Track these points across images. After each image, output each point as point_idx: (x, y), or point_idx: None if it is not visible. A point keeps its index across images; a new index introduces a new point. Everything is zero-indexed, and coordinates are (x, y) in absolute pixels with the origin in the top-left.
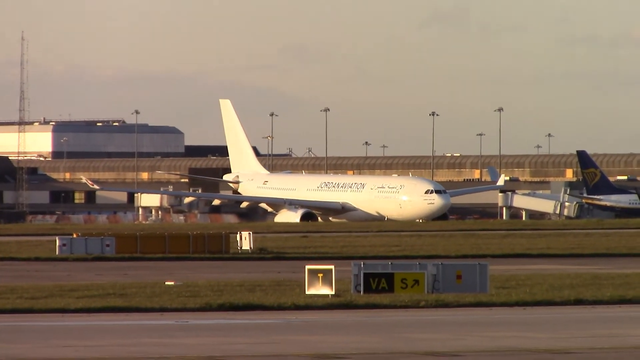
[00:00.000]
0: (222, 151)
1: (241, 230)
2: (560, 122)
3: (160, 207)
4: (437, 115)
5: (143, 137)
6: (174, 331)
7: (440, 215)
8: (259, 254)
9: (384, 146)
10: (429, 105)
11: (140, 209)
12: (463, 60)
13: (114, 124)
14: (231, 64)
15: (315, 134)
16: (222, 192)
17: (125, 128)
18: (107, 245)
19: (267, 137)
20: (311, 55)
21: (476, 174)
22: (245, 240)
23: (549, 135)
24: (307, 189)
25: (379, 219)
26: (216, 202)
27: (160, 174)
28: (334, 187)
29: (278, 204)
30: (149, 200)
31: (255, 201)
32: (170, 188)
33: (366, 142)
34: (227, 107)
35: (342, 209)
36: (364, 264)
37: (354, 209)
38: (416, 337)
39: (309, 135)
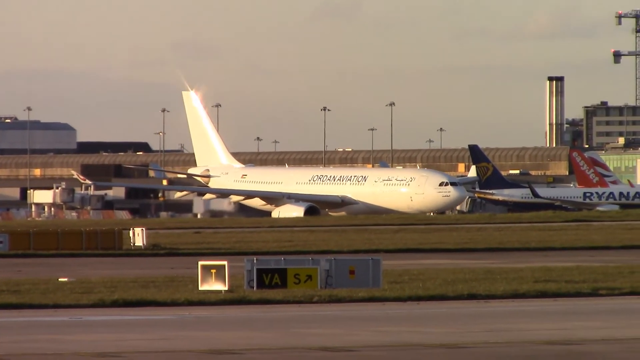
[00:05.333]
0: (114, 147)
1: (134, 226)
2: (452, 117)
3: (53, 204)
4: (329, 110)
5: (35, 133)
6: (67, 327)
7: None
8: (152, 250)
9: (275, 141)
10: (320, 101)
11: (33, 206)
12: (354, 55)
13: (6, 120)
14: (122, 60)
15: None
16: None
17: (17, 124)
18: (0, 242)
19: (158, 133)
20: (202, 50)
21: None
22: (138, 237)
23: (441, 129)
24: (297, 182)
25: (384, 212)
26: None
27: (52, 171)
28: (329, 180)
29: (276, 198)
30: (41, 197)
31: (249, 195)
32: (63, 184)
33: (258, 138)
34: (190, 100)
35: (341, 203)
36: (256, 259)
37: (354, 202)
38: (310, 333)
39: None
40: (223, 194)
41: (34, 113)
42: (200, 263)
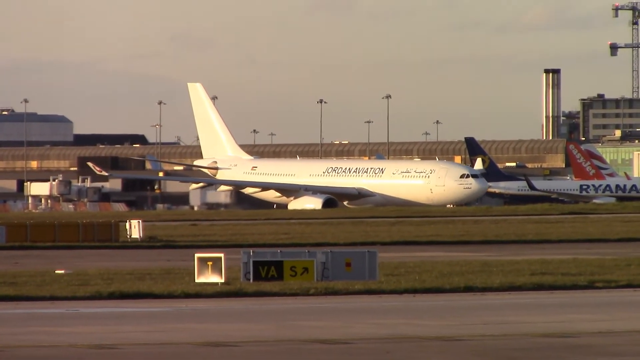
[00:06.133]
0: (111, 140)
1: (130, 218)
2: (449, 109)
3: (50, 196)
4: (325, 102)
5: (32, 125)
6: (64, 319)
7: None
8: (148, 242)
9: (272, 134)
10: (316, 93)
11: (30, 198)
12: (350, 47)
13: (3, 112)
14: (119, 52)
15: None
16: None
17: (14, 117)
18: None
19: (155, 126)
20: (198, 43)
21: None
22: (134, 229)
23: (437, 122)
24: (310, 174)
25: (402, 203)
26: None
27: (49, 163)
28: (344, 172)
29: (292, 190)
30: (38, 189)
31: (264, 187)
32: (60, 177)
33: (254, 130)
34: (196, 91)
35: (358, 195)
36: (253, 252)
37: (371, 194)
38: (306, 325)
39: None
40: (238, 185)
41: (31, 105)
42: (196, 255)
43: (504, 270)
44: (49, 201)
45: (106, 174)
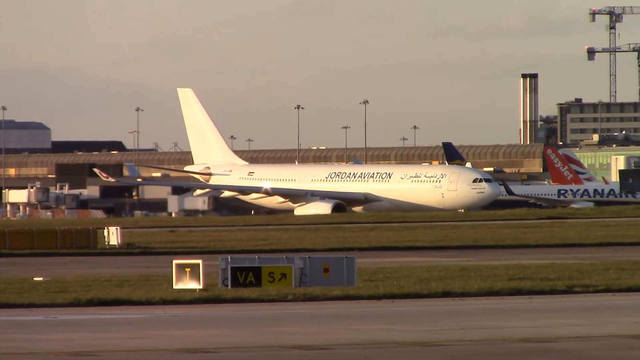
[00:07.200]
0: (88, 146)
1: (109, 225)
2: (426, 114)
3: (28, 203)
4: (303, 108)
5: (10, 133)
6: (42, 327)
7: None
8: (127, 249)
9: (249, 140)
10: (294, 99)
11: (8, 205)
12: (328, 53)
13: None
14: (96, 59)
15: (181, 128)
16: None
17: None
18: None
19: (132, 132)
20: (176, 49)
21: None
22: (112, 236)
23: (415, 127)
24: (312, 179)
25: (411, 208)
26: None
27: (27, 170)
28: (348, 177)
29: (299, 195)
30: (16, 196)
31: (267, 193)
32: (38, 184)
33: (232, 136)
34: (187, 97)
35: (364, 200)
36: (231, 258)
37: (378, 200)
38: (284, 331)
39: (175, 130)
40: (243, 191)
41: (9, 112)
42: (174, 262)
43: (482, 275)
44: (27, 208)
45: (112, 179)
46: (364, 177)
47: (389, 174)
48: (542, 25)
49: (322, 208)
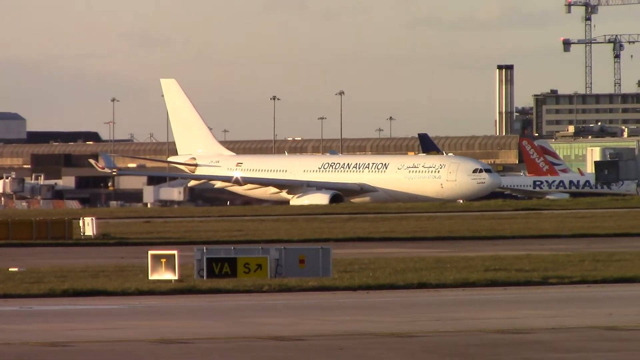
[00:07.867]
0: (64, 137)
1: (84, 216)
2: (402, 105)
3: (3, 194)
4: (278, 99)
5: None
6: (18, 317)
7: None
8: (102, 240)
9: (225, 130)
10: (269, 90)
11: None
12: (304, 43)
13: None
14: (72, 49)
15: (156, 119)
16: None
17: None
18: None
19: (108, 123)
20: (151, 40)
21: None
22: (88, 226)
23: (391, 118)
24: (304, 170)
25: (408, 198)
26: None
27: (2, 160)
28: (342, 167)
29: (295, 186)
30: None
31: (264, 183)
32: (13, 174)
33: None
34: (171, 87)
35: (360, 190)
36: (206, 248)
37: (374, 190)
38: (260, 322)
39: (151, 120)
40: (238, 182)
41: None
42: (150, 252)
43: (457, 267)
44: (2, 199)
45: (109, 171)
46: (359, 168)
47: (385, 164)
48: (518, 16)
49: (319, 199)
